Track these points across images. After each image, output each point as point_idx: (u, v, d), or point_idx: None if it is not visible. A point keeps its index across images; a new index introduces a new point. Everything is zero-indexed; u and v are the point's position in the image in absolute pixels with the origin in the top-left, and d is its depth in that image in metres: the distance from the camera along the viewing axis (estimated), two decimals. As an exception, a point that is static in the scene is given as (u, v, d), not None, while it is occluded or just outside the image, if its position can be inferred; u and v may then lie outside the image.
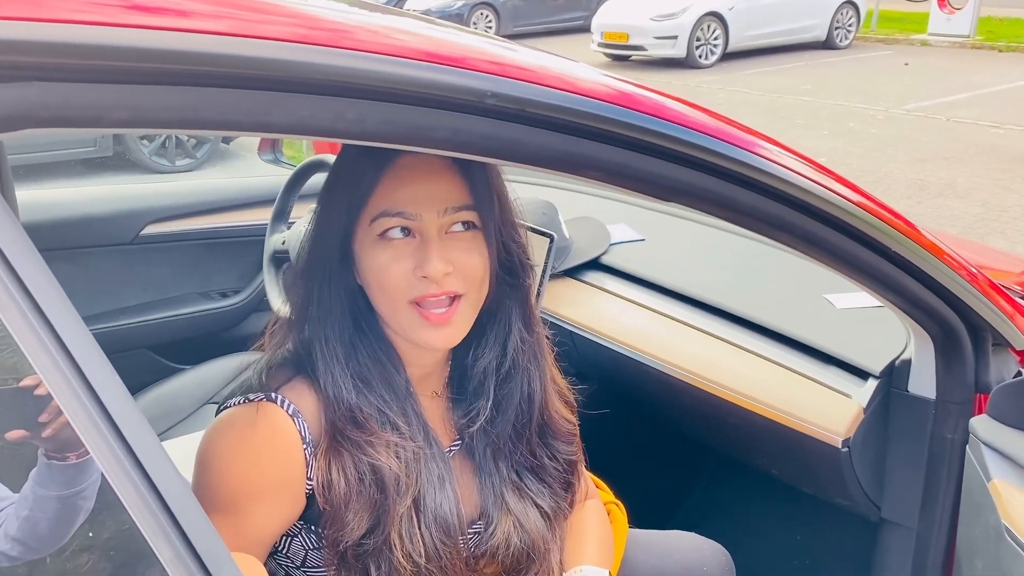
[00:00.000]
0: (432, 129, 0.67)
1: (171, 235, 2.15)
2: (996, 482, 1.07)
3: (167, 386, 1.93)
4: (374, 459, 0.89)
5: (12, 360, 0.54)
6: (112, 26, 0.54)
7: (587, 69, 0.81)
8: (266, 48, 0.58)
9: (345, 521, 0.89)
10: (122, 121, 0.56)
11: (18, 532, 0.68)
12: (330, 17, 0.66)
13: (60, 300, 0.53)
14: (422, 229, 0.87)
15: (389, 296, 0.89)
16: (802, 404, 1.39)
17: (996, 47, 11.98)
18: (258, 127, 0.61)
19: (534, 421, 1.00)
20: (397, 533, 0.89)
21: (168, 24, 0.56)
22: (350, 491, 0.88)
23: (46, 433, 0.62)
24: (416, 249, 0.87)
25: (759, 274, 1.77)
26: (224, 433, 0.89)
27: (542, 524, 1.00)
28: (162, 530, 0.56)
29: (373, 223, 0.87)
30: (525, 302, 0.99)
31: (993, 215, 5.28)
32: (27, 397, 0.57)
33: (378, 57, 0.62)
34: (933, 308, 1.10)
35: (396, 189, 0.87)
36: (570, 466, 1.06)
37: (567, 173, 0.77)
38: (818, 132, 7.50)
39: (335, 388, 0.90)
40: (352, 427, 0.89)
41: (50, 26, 0.52)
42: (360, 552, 0.90)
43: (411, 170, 0.87)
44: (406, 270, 0.87)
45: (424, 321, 0.88)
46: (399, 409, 0.92)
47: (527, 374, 0.99)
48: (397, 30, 0.69)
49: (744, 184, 0.85)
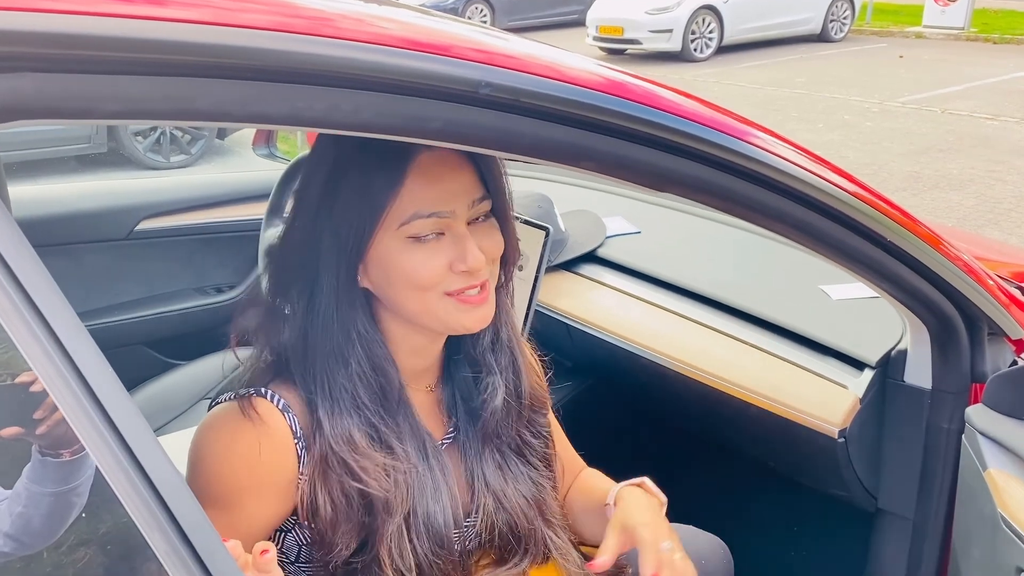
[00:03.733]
0: (427, 120, 0.66)
1: (166, 230, 2.14)
2: (992, 471, 1.07)
3: (163, 381, 1.93)
4: (364, 484, 0.87)
5: (6, 357, 0.54)
6: (104, 16, 0.53)
7: (581, 59, 0.81)
8: (259, 38, 0.57)
9: (333, 543, 0.88)
10: (114, 112, 0.56)
11: (11, 528, 0.68)
12: (322, 6, 0.65)
13: (55, 296, 0.53)
14: (452, 225, 0.86)
15: (422, 293, 0.87)
16: (798, 395, 1.39)
17: (991, 39, 11.99)
18: (252, 118, 0.61)
19: (524, 392, 1.01)
20: (386, 550, 0.88)
21: (159, 14, 0.55)
22: (337, 515, 0.87)
23: (41, 430, 0.61)
24: (448, 245, 0.86)
25: (755, 265, 1.77)
26: (216, 429, 0.89)
27: (523, 502, 1.00)
28: (158, 524, 0.55)
29: (403, 227, 0.84)
30: (509, 279, 1.01)
31: (988, 206, 5.29)
32: (22, 393, 0.57)
33: (373, 47, 0.62)
34: (929, 298, 1.10)
35: (424, 189, 0.84)
36: (546, 440, 1.07)
37: (563, 164, 0.77)
38: (813, 125, 7.51)
39: (325, 407, 0.87)
40: (343, 447, 0.87)
41: (41, 16, 0.51)
42: (349, 570, 0.90)
43: (436, 168, 0.85)
44: (441, 266, 0.86)
45: (464, 306, 0.88)
46: (392, 423, 0.90)
47: (510, 344, 1.00)
48: (390, 19, 0.68)
49: (738, 173, 0.85)
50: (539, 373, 1.08)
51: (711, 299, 1.64)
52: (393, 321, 0.92)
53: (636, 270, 1.79)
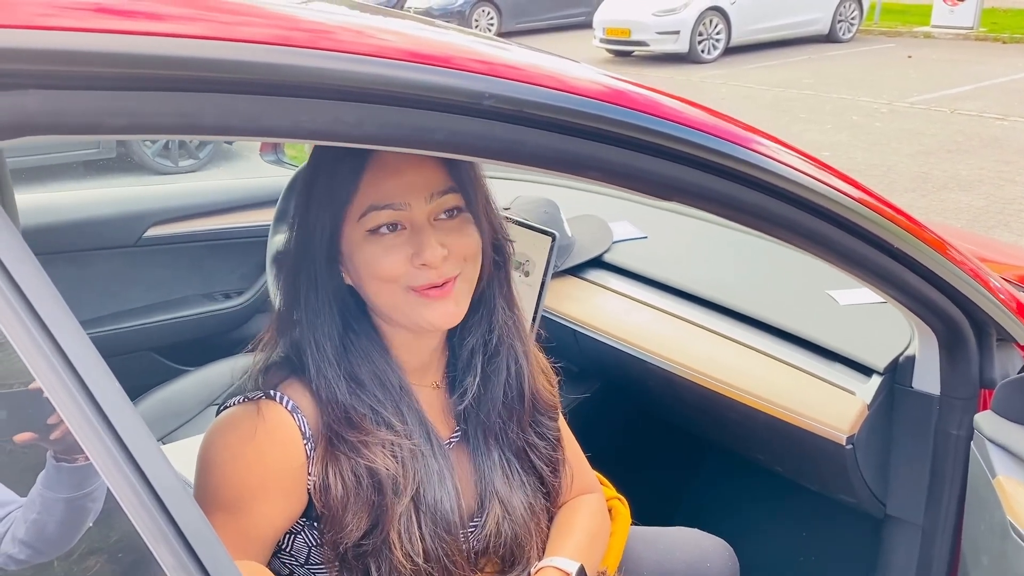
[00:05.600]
0: (431, 131, 0.67)
1: (174, 237, 2.15)
2: (1001, 478, 1.07)
3: (171, 388, 1.93)
4: (370, 461, 0.89)
5: (21, 364, 0.54)
6: (108, 33, 0.54)
7: (583, 68, 0.81)
8: (261, 52, 0.58)
9: (344, 523, 0.89)
10: (120, 127, 0.56)
11: (26, 535, 0.68)
12: (325, 21, 0.66)
13: (58, 306, 0.53)
14: (412, 218, 0.88)
15: (387, 288, 0.89)
16: (806, 401, 1.39)
17: (1000, 39, 11.93)
18: (256, 131, 0.61)
19: (526, 397, 1.01)
20: (396, 533, 0.90)
21: (163, 30, 0.56)
22: (347, 494, 0.89)
23: (54, 435, 0.62)
24: (408, 239, 0.88)
25: (762, 271, 1.77)
26: (225, 432, 0.90)
27: (527, 513, 1.01)
28: (163, 536, 0.56)
29: (361, 219, 0.87)
30: (506, 280, 1.01)
31: (997, 207, 5.26)
32: (36, 400, 0.57)
33: (375, 60, 0.62)
34: (936, 304, 1.10)
35: (381, 181, 0.87)
36: (555, 444, 1.06)
37: (567, 173, 0.77)
38: (821, 126, 7.48)
39: (328, 391, 0.90)
40: (347, 428, 0.90)
41: (45, 33, 0.52)
42: (360, 552, 0.90)
43: (392, 162, 0.87)
44: (399, 260, 0.87)
45: (425, 300, 0.89)
46: (393, 407, 0.93)
47: (512, 350, 1.00)
48: (394, 32, 0.69)
49: (742, 181, 0.85)
50: (550, 378, 1.08)
51: (718, 304, 1.63)
52: (379, 317, 0.94)
53: (643, 275, 1.79)
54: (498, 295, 0.99)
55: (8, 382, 0.60)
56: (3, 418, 0.62)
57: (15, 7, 0.52)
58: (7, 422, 0.62)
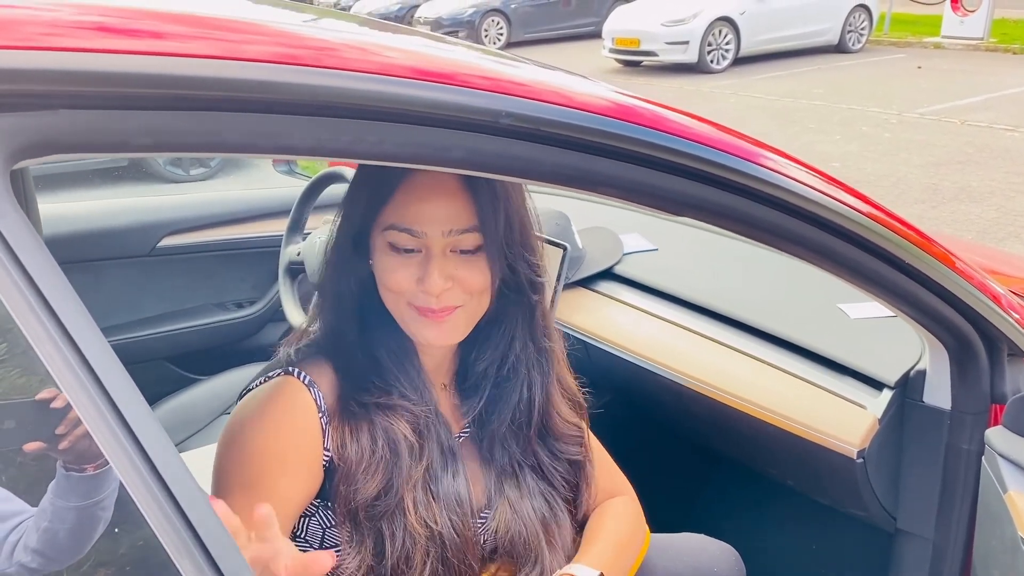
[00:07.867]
0: (449, 149, 0.68)
1: (187, 247, 2.17)
2: (1012, 493, 1.07)
3: (183, 397, 1.95)
4: (387, 424, 0.93)
5: (28, 374, 0.56)
6: (135, 54, 0.55)
7: (594, 84, 0.83)
8: (288, 73, 0.59)
9: (357, 478, 0.92)
10: (146, 146, 0.58)
11: (38, 544, 0.69)
12: (348, 41, 0.67)
13: (79, 313, 0.55)
14: (427, 246, 0.91)
15: (392, 296, 0.94)
16: (817, 415, 1.39)
17: (1011, 49, 11.90)
18: (279, 149, 0.63)
19: (533, 424, 1.03)
20: (411, 498, 0.93)
21: (190, 51, 0.57)
22: (362, 452, 0.92)
23: (64, 445, 0.63)
24: (419, 263, 0.92)
25: (772, 284, 1.77)
26: (245, 412, 0.94)
27: (536, 518, 1.02)
28: (183, 544, 0.57)
29: (384, 232, 0.92)
30: (532, 315, 1.01)
31: (1009, 219, 5.24)
32: (44, 410, 0.58)
33: (395, 80, 0.64)
34: (947, 319, 1.10)
35: (408, 204, 0.91)
36: (573, 466, 1.07)
37: (582, 190, 0.78)
38: (831, 136, 7.48)
39: (349, 363, 0.96)
40: (366, 394, 0.94)
41: (73, 55, 0.53)
42: (372, 514, 0.92)
43: (423, 189, 0.90)
44: (408, 278, 0.92)
45: (422, 319, 0.93)
46: (411, 385, 0.97)
47: (527, 381, 1.02)
48: (413, 53, 0.70)
49: (750, 196, 0.86)
50: (579, 411, 1.10)
51: (728, 317, 1.64)
52: None
53: (653, 287, 1.79)
54: (520, 329, 1.01)
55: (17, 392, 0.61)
56: (12, 428, 0.63)
57: (43, 30, 0.54)
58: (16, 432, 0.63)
